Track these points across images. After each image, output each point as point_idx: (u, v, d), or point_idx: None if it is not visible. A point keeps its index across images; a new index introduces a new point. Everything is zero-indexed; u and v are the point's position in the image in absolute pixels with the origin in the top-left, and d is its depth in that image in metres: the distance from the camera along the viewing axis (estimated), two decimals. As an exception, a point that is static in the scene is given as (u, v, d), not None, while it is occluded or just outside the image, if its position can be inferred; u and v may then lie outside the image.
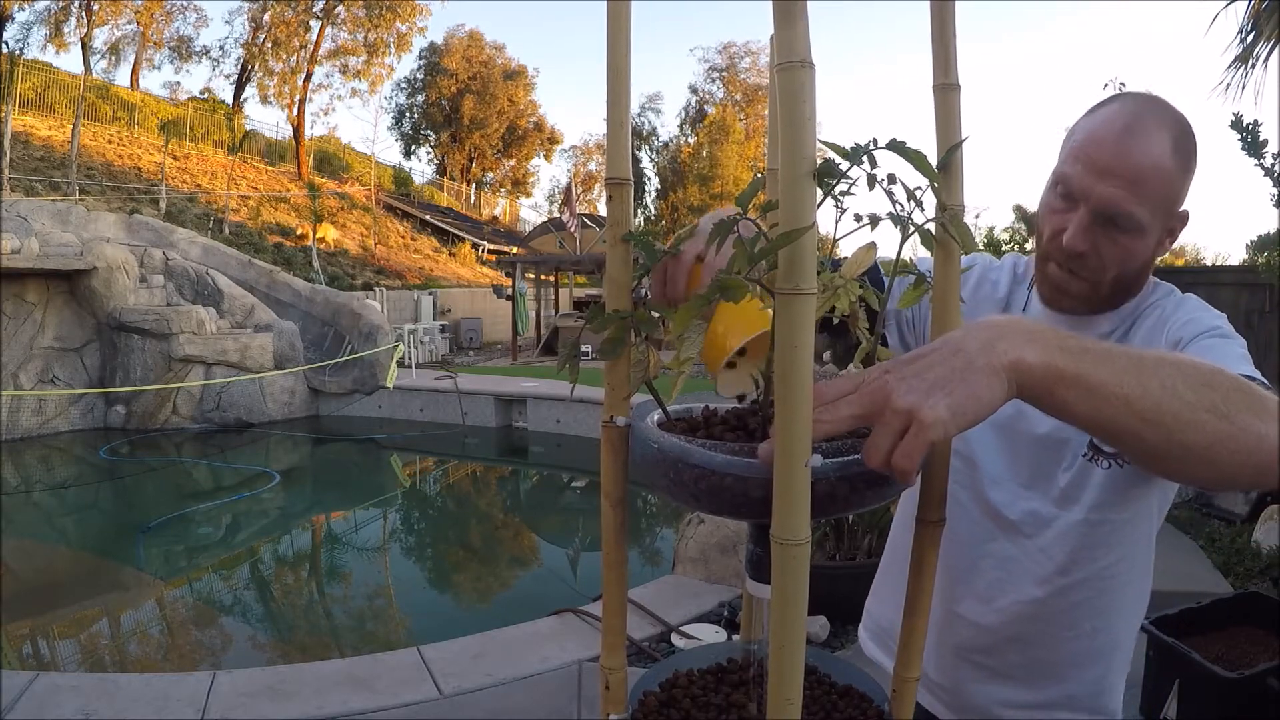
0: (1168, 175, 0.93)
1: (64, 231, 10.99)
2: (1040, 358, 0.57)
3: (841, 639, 3.44)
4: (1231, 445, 0.60)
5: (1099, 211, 0.93)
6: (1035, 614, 1.04)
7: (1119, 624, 1.07)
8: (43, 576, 5.82)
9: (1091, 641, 1.06)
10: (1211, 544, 4.56)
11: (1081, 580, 1.03)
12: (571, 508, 8.10)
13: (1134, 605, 1.09)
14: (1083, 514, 1.01)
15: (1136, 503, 1.01)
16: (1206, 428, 0.59)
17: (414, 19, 26.15)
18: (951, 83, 0.67)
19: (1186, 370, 0.62)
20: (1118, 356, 0.61)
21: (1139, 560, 1.06)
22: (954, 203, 0.67)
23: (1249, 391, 0.63)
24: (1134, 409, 0.59)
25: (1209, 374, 0.62)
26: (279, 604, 5.48)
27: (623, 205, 0.66)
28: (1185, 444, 0.60)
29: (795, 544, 0.53)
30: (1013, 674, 1.08)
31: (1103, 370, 0.59)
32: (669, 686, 0.75)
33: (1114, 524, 1.01)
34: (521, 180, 40.71)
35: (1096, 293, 1.00)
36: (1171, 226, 0.98)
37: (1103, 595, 1.04)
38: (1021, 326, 0.60)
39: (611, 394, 0.67)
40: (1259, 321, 5.56)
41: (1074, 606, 1.04)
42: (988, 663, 1.08)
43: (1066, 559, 1.02)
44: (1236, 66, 6.05)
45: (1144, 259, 0.98)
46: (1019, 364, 0.57)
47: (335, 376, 11.48)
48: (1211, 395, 0.60)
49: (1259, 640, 2.73)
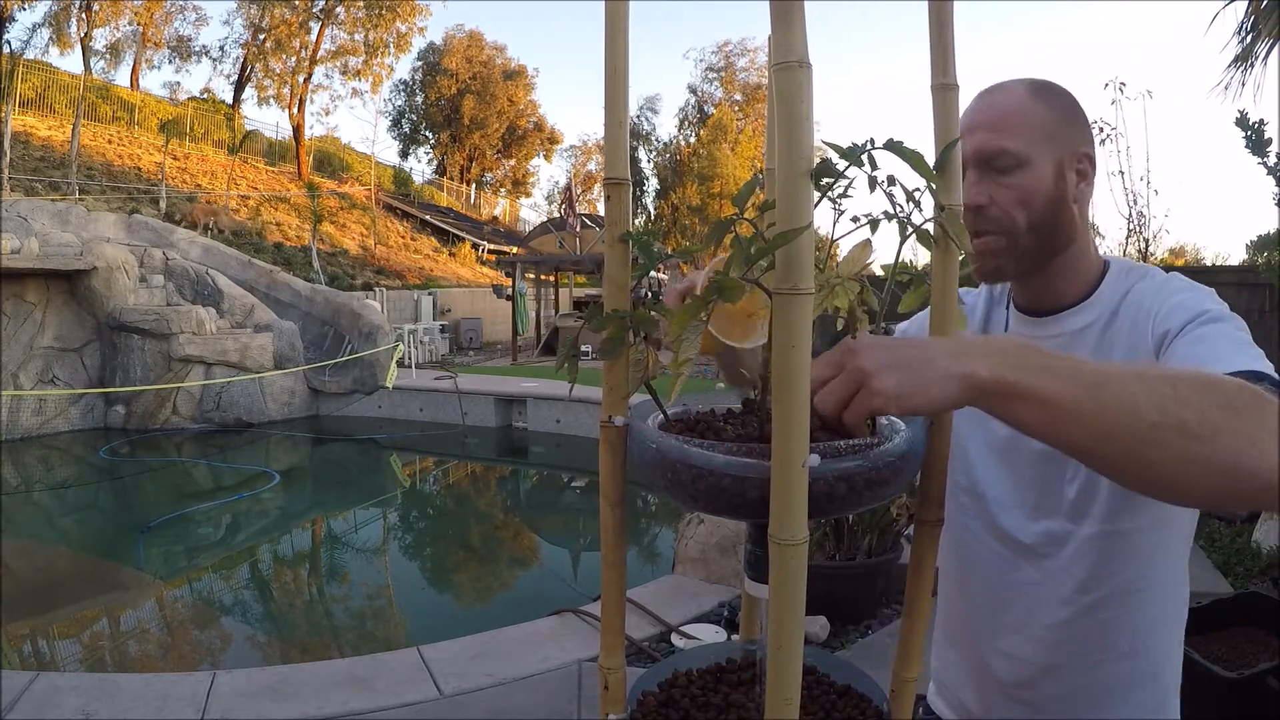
0: (1030, 110, 0.97)
1: (64, 231, 10.99)
2: (993, 373, 0.60)
3: (841, 639, 3.44)
4: (1207, 468, 0.58)
5: (977, 161, 0.96)
6: (1065, 638, 1.01)
7: (1158, 641, 1.01)
8: (43, 576, 5.82)
9: (1132, 663, 1.00)
10: (1211, 544, 4.55)
11: (1107, 596, 0.98)
12: (571, 508, 8.10)
13: (1172, 620, 1.03)
14: (1096, 526, 0.97)
15: (1152, 508, 0.96)
16: (1172, 447, 0.58)
17: (414, 19, 26.18)
18: (950, 83, 0.67)
19: (1158, 387, 0.60)
20: (1083, 374, 0.61)
21: (1169, 570, 1.01)
22: (952, 203, 0.67)
23: (1239, 408, 0.59)
24: (1089, 427, 0.59)
25: (1188, 389, 0.60)
26: (279, 604, 5.48)
27: (621, 205, 0.66)
28: (1147, 462, 0.59)
29: (793, 544, 0.53)
30: (1056, 709, 1.03)
31: (1059, 387, 0.60)
32: (668, 686, 0.75)
33: (1132, 533, 0.97)
34: (521, 180, 40.74)
35: (1018, 244, 0.97)
36: (1062, 160, 0.97)
37: (1133, 611, 0.99)
38: (991, 345, 0.63)
39: (610, 394, 0.67)
40: (1259, 321, 5.56)
41: (1103, 625, 0.99)
42: (1031, 698, 1.05)
43: (1087, 575, 0.98)
44: (1236, 66, 6.05)
45: (1045, 195, 0.96)
46: (972, 376, 0.60)
47: (335, 376, 11.48)
48: (1182, 413, 0.58)
49: (1259, 640, 2.73)
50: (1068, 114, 0.99)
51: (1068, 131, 0.98)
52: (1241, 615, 2.85)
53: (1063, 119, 0.98)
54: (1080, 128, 1.00)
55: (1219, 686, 2.40)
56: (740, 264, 0.58)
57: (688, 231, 27.00)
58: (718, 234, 0.63)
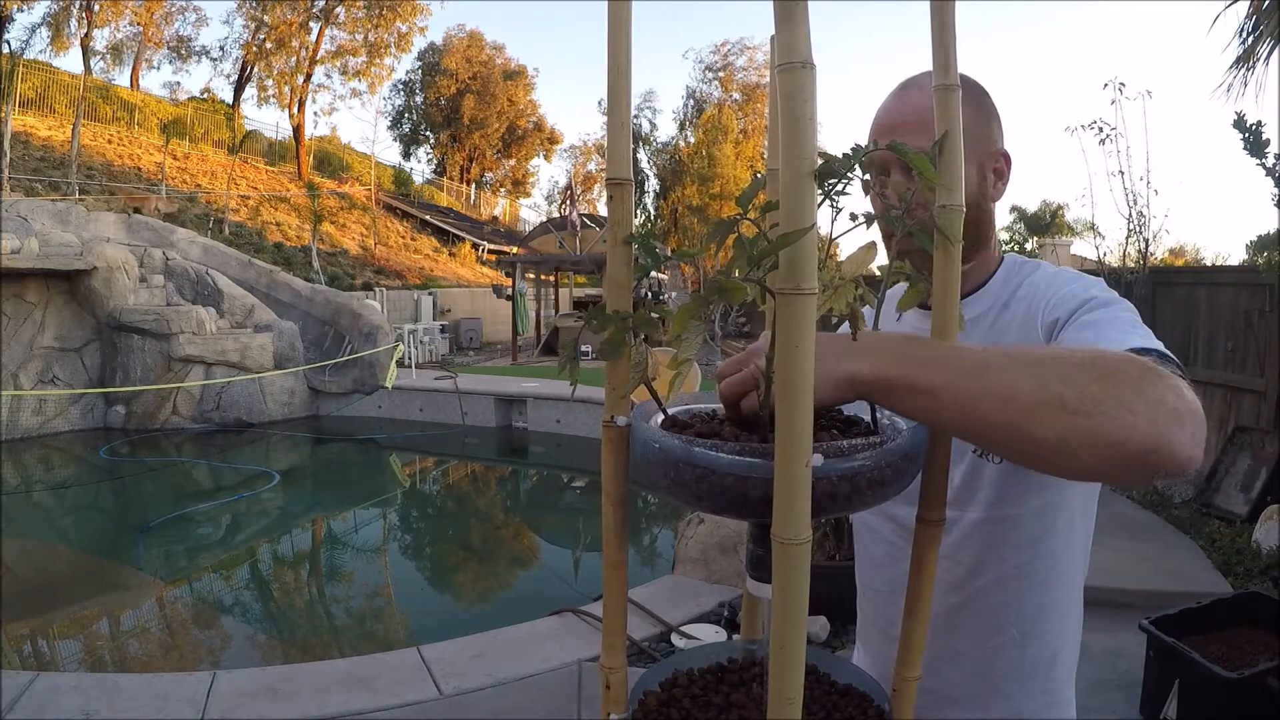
0: None
1: (64, 231, 10.99)
2: (872, 369, 0.63)
3: (841, 639, 3.45)
4: (1090, 441, 0.58)
5: (902, 164, 0.95)
6: (958, 623, 1.02)
7: (1051, 628, 1.02)
8: (43, 576, 5.82)
9: (1023, 650, 1.02)
10: (1211, 544, 4.56)
11: (995, 581, 1.00)
12: (571, 508, 8.10)
13: (1064, 608, 1.03)
14: (981, 513, 0.98)
15: (1040, 493, 0.97)
16: (1056, 424, 0.59)
17: (414, 19, 26.18)
18: (951, 83, 0.67)
19: (1038, 368, 0.61)
20: (963, 361, 0.63)
21: (1061, 557, 1.01)
22: (953, 203, 0.67)
23: (1120, 380, 0.60)
24: (970, 413, 0.61)
25: (1071, 366, 0.61)
26: (279, 604, 5.48)
27: (624, 205, 0.66)
28: (1034, 440, 0.60)
29: (796, 543, 0.53)
30: (959, 695, 1.05)
31: (938, 375, 0.62)
32: (669, 686, 0.75)
33: (1018, 519, 0.98)
34: (521, 180, 40.76)
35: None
36: (982, 161, 0.98)
37: (1024, 595, 1.00)
38: (871, 342, 0.65)
39: (612, 394, 0.67)
40: (1259, 321, 5.54)
41: (993, 610, 1.01)
42: (934, 685, 1.03)
43: (974, 561, 1.00)
44: (1237, 67, 6.05)
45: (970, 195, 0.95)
46: (854, 375, 0.63)
47: (335, 376, 11.48)
48: (1062, 390, 0.59)
49: (1259, 640, 2.73)
50: (986, 112, 1.00)
51: (986, 131, 1.00)
52: (1241, 615, 2.85)
53: (982, 118, 0.99)
54: (995, 125, 1.01)
55: (1219, 686, 2.40)
56: (744, 264, 0.58)
57: (688, 232, 27.00)
58: (720, 234, 0.63)
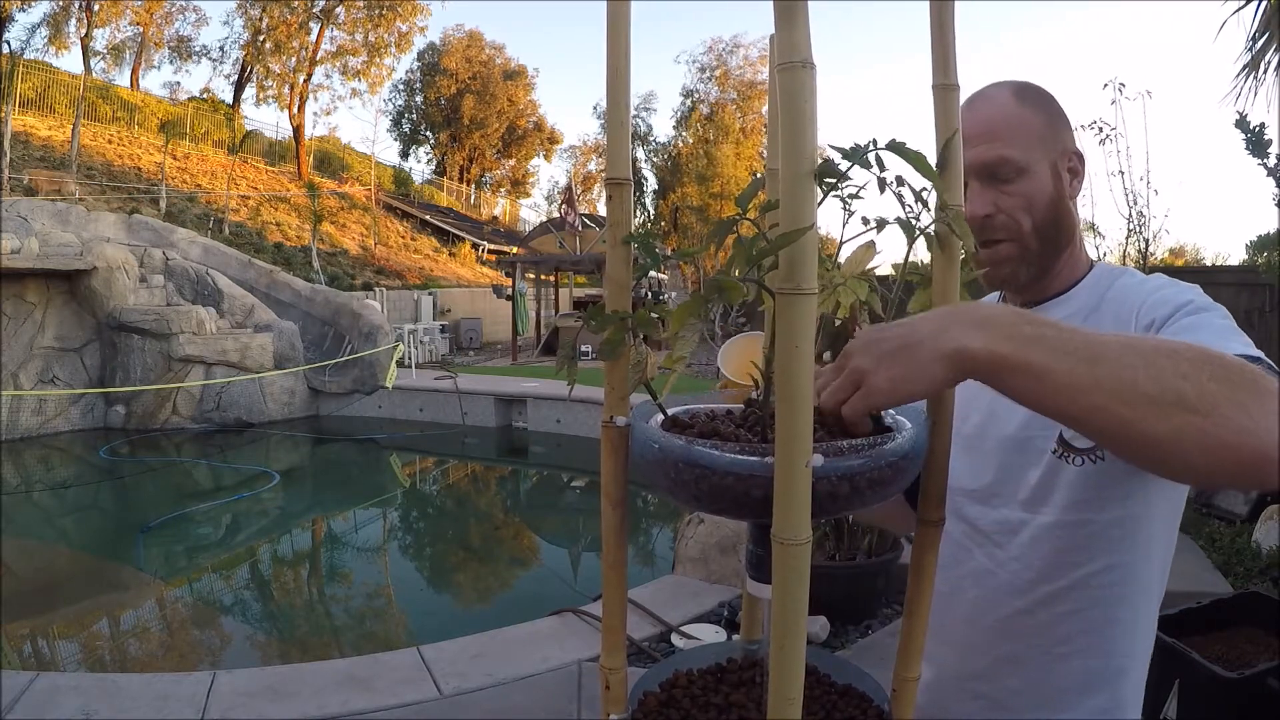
0: (1019, 116, 0.99)
1: (64, 231, 10.99)
2: (984, 345, 0.60)
3: (841, 639, 3.44)
4: (1205, 440, 0.57)
5: (979, 173, 0.98)
6: (1021, 629, 0.98)
7: (1122, 645, 0.96)
8: (43, 576, 5.82)
9: (1087, 661, 0.96)
10: (1211, 544, 4.55)
11: (1066, 589, 0.95)
12: (571, 508, 8.09)
13: (1139, 625, 0.97)
14: (1055, 515, 0.94)
15: (1121, 503, 0.93)
16: (1171, 420, 0.57)
17: (414, 19, 26.18)
18: (951, 83, 0.67)
19: (1156, 359, 0.59)
20: (1076, 344, 0.60)
21: (1139, 571, 0.95)
22: (955, 203, 0.67)
23: (1237, 382, 0.58)
24: (1084, 399, 0.59)
25: (1188, 362, 0.59)
26: (279, 604, 5.48)
27: (623, 205, 0.66)
28: (1145, 434, 0.58)
29: (796, 544, 0.53)
30: (1014, 704, 1.00)
31: (1053, 358, 0.59)
32: (669, 686, 0.75)
33: (1096, 526, 0.93)
34: (521, 180, 40.77)
35: (1027, 246, 1.00)
36: (1056, 161, 1.01)
37: (1095, 607, 0.95)
38: (975, 313, 0.62)
39: (612, 394, 0.67)
40: (1259, 321, 5.55)
41: (1062, 619, 0.96)
42: (988, 691, 1.03)
43: (1045, 565, 0.96)
44: (1246, 74, 6.01)
45: (1048, 196, 0.99)
46: (963, 351, 0.60)
47: (335, 376, 11.48)
48: (1181, 386, 0.57)
49: (1259, 640, 2.73)
50: (1053, 115, 1.02)
51: (1057, 132, 1.02)
52: (1241, 615, 2.84)
53: (1050, 121, 1.02)
54: (1065, 126, 1.04)
55: (1219, 686, 2.40)
56: (743, 264, 0.58)
57: (688, 232, 27.00)
58: (720, 234, 0.63)
